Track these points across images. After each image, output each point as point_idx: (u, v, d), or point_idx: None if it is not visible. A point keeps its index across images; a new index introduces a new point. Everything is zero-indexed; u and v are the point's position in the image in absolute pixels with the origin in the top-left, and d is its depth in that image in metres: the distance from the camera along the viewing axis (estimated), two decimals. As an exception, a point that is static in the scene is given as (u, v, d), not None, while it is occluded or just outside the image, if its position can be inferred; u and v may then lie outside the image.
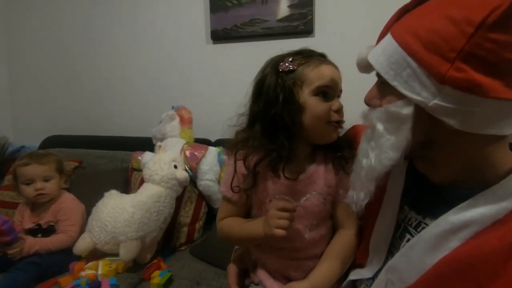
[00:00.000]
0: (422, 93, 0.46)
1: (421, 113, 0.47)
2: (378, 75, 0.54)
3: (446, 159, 0.52)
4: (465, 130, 0.45)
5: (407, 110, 0.48)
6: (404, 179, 0.61)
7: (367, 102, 0.56)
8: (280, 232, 0.59)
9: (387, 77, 0.49)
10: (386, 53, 0.50)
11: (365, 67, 0.57)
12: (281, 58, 0.66)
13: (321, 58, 0.67)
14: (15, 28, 2.10)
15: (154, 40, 1.81)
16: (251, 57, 1.60)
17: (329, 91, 0.64)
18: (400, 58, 0.47)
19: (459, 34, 0.42)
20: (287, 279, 0.70)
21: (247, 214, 0.74)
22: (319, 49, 0.69)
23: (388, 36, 0.51)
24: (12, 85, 2.17)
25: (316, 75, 0.63)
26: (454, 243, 0.48)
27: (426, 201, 0.56)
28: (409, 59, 0.46)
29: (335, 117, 0.64)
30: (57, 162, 1.35)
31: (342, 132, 0.70)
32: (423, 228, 0.54)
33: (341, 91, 0.67)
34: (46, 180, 1.30)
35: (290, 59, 0.65)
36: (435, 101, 0.45)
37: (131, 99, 1.91)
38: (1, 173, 1.63)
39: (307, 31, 1.54)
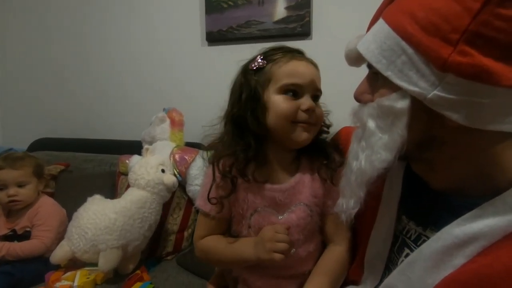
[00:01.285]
0: (420, 83, 0.40)
1: (418, 107, 0.41)
2: (369, 65, 0.48)
3: (447, 162, 0.45)
4: (470, 126, 0.39)
5: (402, 104, 0.42)
6: (401, 186, 0.55)
7: (357, 97, 0.51)
8: (279, 256, 0.55)
9: (379, 66, 0.43)
10: (377, 40, 0.44)
11: (355, 58, 0.51)
12: (255, 57, 0.63)
13: (296, 54, 0.62)
14: (3, 30, 2.07)
15: (148, 41, 1.77)
16: (247, 60, 1.55)
17: (298, 90, 0.59)
18: (393, 44, 0.41)
19: (462, 12, 0.36)
20: None
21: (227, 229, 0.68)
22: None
23: (380, 21, 0.45)
24: (0, 87, 2.13)
25: (283, 72, 0.58)
26: (459, 260, 0.41)
27: (426, 211, 0.50)
28: (404, 44, 0.40)
29: (302, 116, 0.58)
30: (35, 166, 1.28)
31: (329, 136, 0.66)
32: (424, 241, 0.48)
33: (319, 90, 0.62)
34: (20, 185, 1.23)
35: (261, 57, 0.61)
36: (435, 92, 0.39)
37: (123, 101, 1.86)
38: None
39: (305, 33, 1.49)
